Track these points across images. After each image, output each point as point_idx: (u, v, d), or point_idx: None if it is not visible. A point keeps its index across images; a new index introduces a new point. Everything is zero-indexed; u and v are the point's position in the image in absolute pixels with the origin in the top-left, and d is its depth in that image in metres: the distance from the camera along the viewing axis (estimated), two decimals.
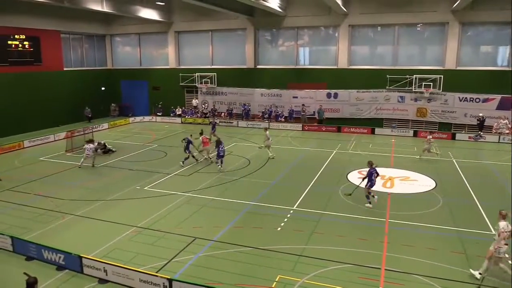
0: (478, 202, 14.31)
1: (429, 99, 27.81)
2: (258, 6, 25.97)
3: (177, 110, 34.62)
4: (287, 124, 30.36)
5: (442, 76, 26.96)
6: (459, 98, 27.08)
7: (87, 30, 34.09)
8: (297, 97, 31.15)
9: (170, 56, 35.03)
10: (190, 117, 33.52)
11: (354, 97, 29.55)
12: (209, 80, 33.26)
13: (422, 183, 16.70)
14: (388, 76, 28.32)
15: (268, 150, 21.03)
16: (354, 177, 17.37)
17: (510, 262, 9.03)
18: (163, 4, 31.52)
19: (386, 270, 9.64)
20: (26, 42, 28.12)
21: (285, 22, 30.65)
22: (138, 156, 21.75)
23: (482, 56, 27.51)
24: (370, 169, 13.80)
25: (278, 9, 27.88)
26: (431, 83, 27.25)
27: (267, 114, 31.41)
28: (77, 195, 15.24)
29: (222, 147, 18.42)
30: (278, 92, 31.72)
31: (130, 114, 35.11)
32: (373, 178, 13.69)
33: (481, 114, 25.96)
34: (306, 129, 29.50)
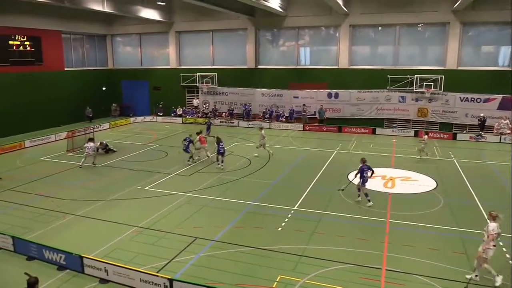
0: (479, 203, 14.28)
1: (430, 99, 27.78)
2: (259, 6, 25.97)
3: (178, 110, 34.64)
4: (288, 124, 30.37)
5: (443, 76, 26.94)
6: (460, 98, 27.06)
7: (88, 30, 34.14)
8: (298, 97, 31.16)
9: (171, 56, 35.05)
10: (191, 117, 33.51)
11: (355, 97, 29.54)
12: (210, 80, 33.27)
13: (423, 183, 16.70)
14: (389, 76, 28.31)
15: (264, 149, 21.16)
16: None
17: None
18: (164, 4, 31.54)
19: (387, 270, 9.64)
20: (27, 42, 28.17)
21: (286, 22, 30.65)
22: (139, 156, 21.77)
23: (483, 56, 27.48)
24: (362, 165, 14.00)
25: (279, 9, 27.88)
26: (432, 83, 27.24)
27: (268, 114, 31.41)
28: (78, 195, 15.26)
29: (222, 145, 18.80)
30: (279, 92, 31.73)
31: (131, 114, 35.13)
32: (364, 175, 13.86)
33: (482, 114, 25.95)
34: (307, 129, 29.50)
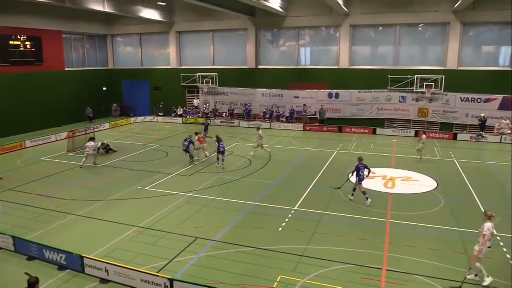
0: (479, 203, 14.26)
1: (430, 99, 27.77)
2: (259, 6, 25.97)
3: (178, 110, 34.65)
4: (288, 124, 30.37)
5: (444, 76, 26.92)
6: (461, 98, 27.04)
7: (89, 30, 34.14)
8: (298, 97, 31.16)
9: (171, 56, 35.05)
10: (191, 117, 33.52)
11: (355, 97, 29.53)
12: (210, 80, 33.27)
13: (423, 183, 16.69)
14: (389, 76, 28.30)
15: (262, 148, 21.28)
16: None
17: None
18: (164, 4, 31.54)
19: (387, 270, 9.63)
20: (27, 42, 28.16)
21: (286, 22, 30.64)
22: (139, 156, 21.77)
23: (483, 56, 27.46)
24: (358, 164, 14.17)
25: (279, 9, 27.87)
26: (433, 83, 27.23)
27: (268, 114, 31.41)
28: (78, 195, 15.26)
29: (222, 144, 18.97)
30: (279, 92, 31.72)
31: (131, 114, 35.14)
32: (360, 173, 14.03)
33: (482, 114, 25.93)
34: (307, 129, 29.49)
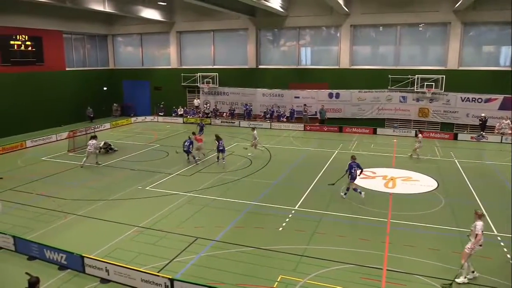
0: (480, 203, 14.26)
1: (431, 99, 27.75)
2: (259, 6, 25.97)
3: (179, 110, 34.65)
4: (289, 124, 30.37)
5: (444, 76, 26.90)
6: (461, 98, 27.01)
7: (89, 30, 34.16)
8: (299, 97, 31.15)
9: (172, 56, 35.06)
10: (192, 117, 33.52)
11: (356, 97, 29.52)
12: (210, 80, 33.27)
13: (424, 184, 16.69)
14: (390, 76, 28.28)
15: (255, 148, 21.56)
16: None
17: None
18: (165, 4, 31.55)
19: (387, 270, 9.63)
20: (28, 42, 28.17)
21: (286, 22, 30.64)
22: (140, 156, 21.78)
23: (484, 56, 27.45)
24: (351, 162, 14.59)
25: (280, 9, 27.87)
26: (433, 83, 27.21)
27: (269, 114, 31.40)
28: (79, 195, 15.27)
29: (221, 142, 19.19)
30: (280, 92, 31.72)
31: (132, 114, 35.16)
32: (353, 171, 14.40)
33: (483, 114, 25.90)
34: (308, 129, 29.49)
